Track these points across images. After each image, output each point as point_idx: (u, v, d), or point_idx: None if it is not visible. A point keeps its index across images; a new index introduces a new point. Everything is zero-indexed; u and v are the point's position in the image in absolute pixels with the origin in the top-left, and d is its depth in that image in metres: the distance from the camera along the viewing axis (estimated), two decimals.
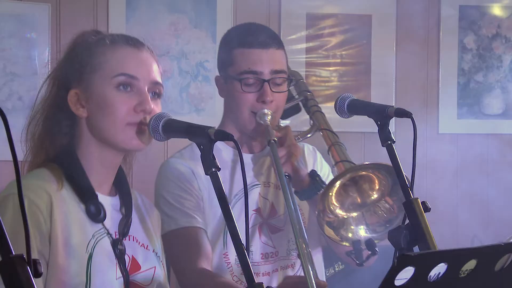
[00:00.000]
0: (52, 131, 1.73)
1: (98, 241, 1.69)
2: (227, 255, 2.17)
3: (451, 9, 3.68)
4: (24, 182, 1.62)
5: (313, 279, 1.90)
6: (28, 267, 1.06)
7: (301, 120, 2.65)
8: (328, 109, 3.47)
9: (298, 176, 2.13)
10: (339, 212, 2.08)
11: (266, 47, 2.17)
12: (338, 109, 1.87)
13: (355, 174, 2.04)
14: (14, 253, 1.05)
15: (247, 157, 2.25)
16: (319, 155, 2.38)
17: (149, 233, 1.84)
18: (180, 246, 2.09)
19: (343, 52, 3.60)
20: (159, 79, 1.75)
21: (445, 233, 3.46)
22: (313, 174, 2.16)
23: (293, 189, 2.14)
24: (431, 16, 3.68)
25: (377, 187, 2.06)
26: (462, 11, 3.70)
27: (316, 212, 2.03)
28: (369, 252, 1.97)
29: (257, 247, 2.20)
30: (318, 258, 2.31)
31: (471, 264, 1.25)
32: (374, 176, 2.04)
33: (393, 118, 1.74)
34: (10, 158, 1.10)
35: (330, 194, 2.04)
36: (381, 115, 1.75)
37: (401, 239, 1.62)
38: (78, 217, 1.68)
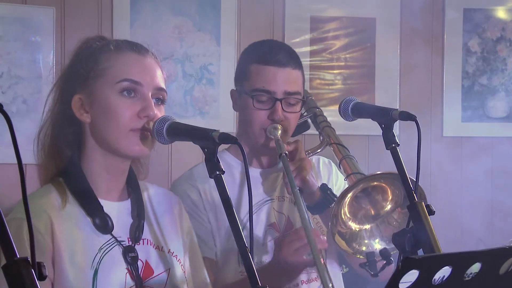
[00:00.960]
0: (59, 140, 1.73)
1: (105, 254, 1.68)
2: (244, 273, 2.15)
3: (456, 12, 3.68)
4: (29, 202, 1.63)
5: (327, 280, 1.90)
6: (33, 270, 1.06)
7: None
8: (332, 112, 3.47)
9: (309, 190, 2.13)
10: (352, 224, 2.07)
11: (282, 66, 2.15)
12: (342, 112, 1.87)
13: (367, 185, 2.03)
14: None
15: (256, 172, 2.25)
16: (334, 167, 2.37)
17: (165, 233, 1.82)
18: None
19: (347, 55, 3.60)
20: (163, 85, 1.75)
21: (449, 236, 3.46)
22: (324, 188, 2.15)
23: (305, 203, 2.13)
24: (435, 19, 3.68)
25: (390, 197, 2.05)
26: (466, 14, 3.69)
27: (330, 217, 2.02)
28: (384, 262, 1.96)
29: None
30: (334, 267, 2.29)
31: (475, 268, 1.24)
32: (386, 186, 2.03)
33: (397, 121, 1.74)
34: (15, 161, 1.10)
35: (343, 205, 2.03)
36: (385, 118, 1.75)
37: (406, 242, 1.62)
38: (84, 232, 1.68)
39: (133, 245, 1.72)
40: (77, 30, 3.19)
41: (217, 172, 1.50)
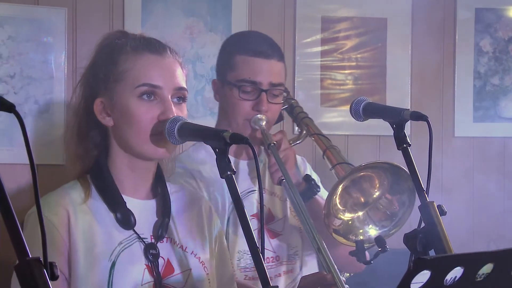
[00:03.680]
0: (85, 140, 1.75)
1: (125, 248, 1.69)
2: (244, 269, 2.17)
3: (467, 12, 3.67)
4: (47, 198, 1.68)
5: (336, 267, 1.91)
6: (45, 270, 1.07)
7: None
8: (343, 112, 3.49)
9: (293, 180, 2.15)
10: (345, 215, 2.08)
11: (268, 58, 2.19)
12: (354, 113, 1.87)
13: (355, 176, 2.04)
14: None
15: (243, 164, 2.27)
16: (308, 166, 2.41)
17: (190, 234, 1.82)
18: None
19: (358, 55, 3.60)
20: (183, 83, 1.74)
21: (461, 236, 3.44)
22: (308, 178, 2.18)
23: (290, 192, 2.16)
24: (447, 18, 3.67)
25: (377, 185, 2.07)
26: (478, 14, 3.68)
27: (322, 218, 2.03)
28: (379, 249, 1.97)
29: None
30: (313, 262, 2.31)
31: (487, 268, 1.24)
32: (373, 175, 2.05)
33: (409, 121, 1.74)
34: (28, 161, 1.10)
35: (335, 197, 2.04)
36: (397, 118, 1.74)
37: (417, 242, 1.61)
38: (105, 227, 1.69)
39: (155, 242, 1.73)
40: (88, 30, 3.20)
41: (228, 173, 1.50)
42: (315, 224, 2.06)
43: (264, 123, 2.16)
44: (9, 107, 1.10)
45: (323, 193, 2.27)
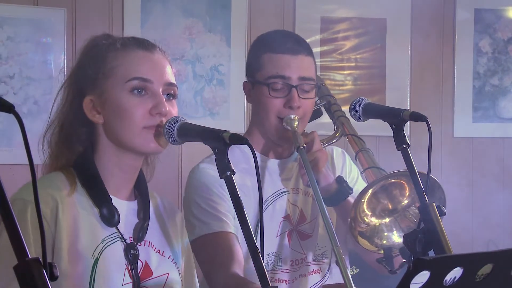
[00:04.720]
0: (69, 139, 1.73)
1: (107, 246, 1.68)
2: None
3: (467, 13, 3.67)
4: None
5: (352, 283, 1.90)
6: (44, 270, 1.07)
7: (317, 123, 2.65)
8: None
9: (325, 182, 2.12)
10: (372, 219, 2.07)
11: (295, 53, 2.16)
12: (353, 113, 1.87)
13: (386, 182, 2.03)
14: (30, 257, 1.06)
15: (274, 163, 2.24)
16: (348, 158, 2.36)
17: (167, 239, 1.82)
18: (212, 250, 2.07)
19: (358, 56, 3.60)
20: (173, 80, 1.74)
21: (460, 237, 3.45)
22: (340, 180, 2.15)
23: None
24: (446, 19, 3.67)
25: (407, 193, 2.05)
26: (477, 15, 3.68)
27: (348, 221, 2.01)
28: (404, 260, 1.95)
29: (287, 254, 2.19)
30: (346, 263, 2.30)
31: (487, 269, 1.24)
32: (404, 183, 2.03)
33: (408, 121, 1.74)
34: (27, 161, 1.10)
35: (363, 201, 2.03)
36: (396, 118, 1.74)
37: (416, 243, 1.61)
38: (89, 222, 1.67)
39: (135, 243, 1.72)
40: (87, 31, 3.19)
41: (228, 173, 1.50)
42: (345, 226, 2.05)
43: (296, 123, 2.12)
44: (8, 108, 1.10)
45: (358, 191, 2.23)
